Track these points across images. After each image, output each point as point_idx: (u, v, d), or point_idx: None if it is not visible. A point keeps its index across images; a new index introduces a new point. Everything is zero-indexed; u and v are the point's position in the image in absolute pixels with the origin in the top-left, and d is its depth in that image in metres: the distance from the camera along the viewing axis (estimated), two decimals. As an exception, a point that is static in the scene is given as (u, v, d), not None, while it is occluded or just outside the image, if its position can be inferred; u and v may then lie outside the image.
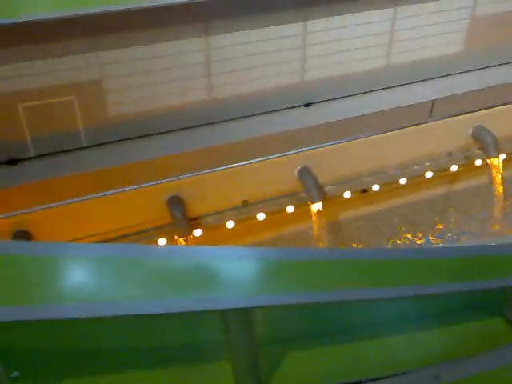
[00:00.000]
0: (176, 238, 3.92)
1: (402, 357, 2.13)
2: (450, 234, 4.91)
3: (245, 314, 1.82)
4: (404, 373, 1.90)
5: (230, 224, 4.23)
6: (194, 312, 1.75)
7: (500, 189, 4.73)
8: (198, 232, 4.11)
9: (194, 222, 4.12)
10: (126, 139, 4.01)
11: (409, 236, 4.95)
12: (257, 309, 1.94)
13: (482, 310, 2.28)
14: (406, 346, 2.17)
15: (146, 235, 3.99)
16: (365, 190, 4.69)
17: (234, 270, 1.86)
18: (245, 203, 4.32)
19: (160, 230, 3.98)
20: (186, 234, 3.90)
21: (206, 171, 4.08)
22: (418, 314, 2.27)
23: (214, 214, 4.19)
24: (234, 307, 1.74)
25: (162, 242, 3.96)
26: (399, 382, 1.84)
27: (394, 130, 4.57)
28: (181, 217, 3.87)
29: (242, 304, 1.75)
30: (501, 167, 4.71)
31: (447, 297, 2.29)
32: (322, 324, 2.24)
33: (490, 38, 4.86)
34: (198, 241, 4.08)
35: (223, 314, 1.86)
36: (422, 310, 2.29)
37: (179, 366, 2.11)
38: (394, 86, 4.70)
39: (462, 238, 4.85)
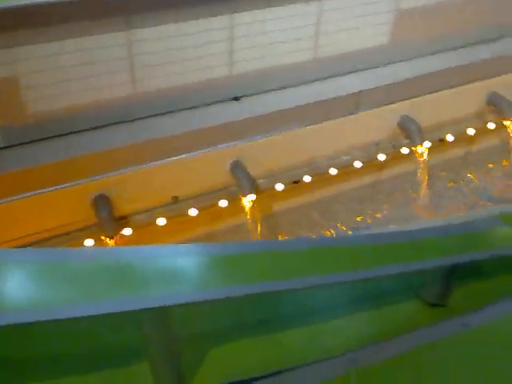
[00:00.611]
0: (103, 238, 3.80)
1: (323, 344, 2.15)
2: (379, 220, 5.04)
3: (161, 312, 1.76)
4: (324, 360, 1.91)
5: (161, 221, 4.15)
6: (122, 312, 1.69)
7: (425, 175, 4.90)
8: (127, 231, 4.00)
9: (123, 220, 4.01)
10: (47, 138, 3.83)
11: (340, 224, 5.04)
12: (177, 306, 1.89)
13: (400, 293, 2.34)
14: (327, 333, 2.19)
15: (73, 237, 3.85)
16: (296, 182, 4.73)
17: (161, 268, 1.82)
18: (175, 199, 4.25)
19: (86, 231, 3.84)
20: (113, 233, 3.79)
21: (132, 168, 3.97)
22: (339, 301, 2.29)
23: (143, 211, 4.10)
24: (165, 304, 1.70)
25: (88, 243, 3.83)
26: (317, 368, 1.84)
27: (324, 121, 4.62)
28: (107, 216, 3.76)
29: (178, 300, 1.71)
30: (425, 154, 4.87)
31: (367, 282, 2.33)
32: (244, 316, 2.22)
33: (415, 29, 4.99)
34: (128, 240, 3.97)
35: (141, 312, 1.80)
36: (342, 297, 2.31)
37: (107, 370, 2.04)
38: (321, 79, 4.75)
39: (390, 224, 4.98)
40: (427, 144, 5.02)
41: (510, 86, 5.27)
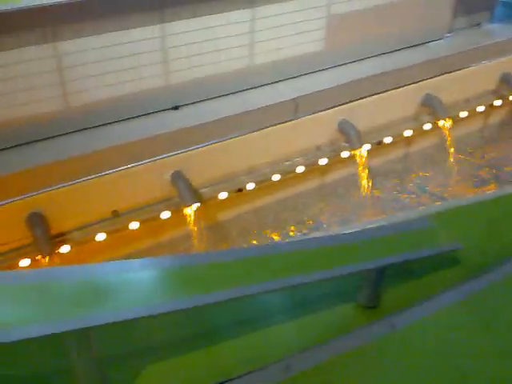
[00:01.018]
0: (39, 257, 3.68)
1: (261, 354, 2.14)
2: (324, 225, 5.10)
3: (86, 333, 1.71)
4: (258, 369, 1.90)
5: (101, 237, 4.05)
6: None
7: (366, 178, 5.00)
8: (65, 248, 3.89)
9: (61, 238, 3.89)
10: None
11: (286, 229, 5.07)
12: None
13: (335, 297, 2.36)
14: (264, 341, 2.18)
15: (7, 258, 3.70)
16: (240, 190, 4.72)
17: (86, 288, 1.77)
18: (115, 213, 4.16)
19: (22, 251, 3.71)
20: (50, 252, 3.67)
21: (68, 183, 3.87)
22: (275, 309, 2.29)
23: (81, 227, 3.99)
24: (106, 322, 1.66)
25: (24, 263, 3.69)
26: (252, 378, 1.83)
27: (264, 128, 4.65)
28: (42, 234, 3.63)
29: (104, 320, 1.67)
30: (364, 158, 4.96)
31: (302, 288, 2.34)
32: (179, 331, 2.19)
33: (349, 35, 5.10)
34: (67, 258, 3.86)
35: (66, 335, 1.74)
36: (278, 305, 2.32)
37: None
38: (259, 86, 4.78)
39: (334, 226, 5.05)
40: (367, 147, 5.13)
41: (442, 88, 5.45)
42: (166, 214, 4.36)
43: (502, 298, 2.23)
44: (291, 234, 5.06)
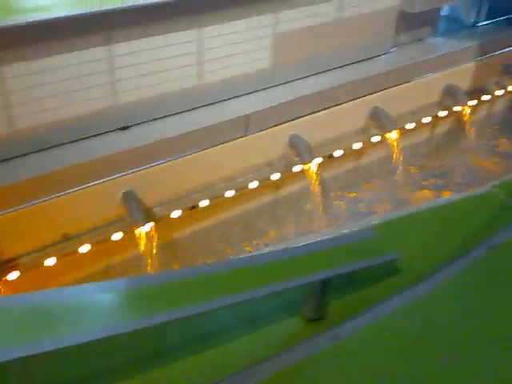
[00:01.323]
0: (-14, 284, 3.59)
1: (207, 371, 2.15)
2: (279, 238, 5.16)
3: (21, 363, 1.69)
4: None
5: (51, 261, 3.98)
6: None
7: (318, 191, 5.09)
8: (14, 275, 3.79)
9: (9, 264, 3.80)
10: None
11: (240, 246, 5.10)
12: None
13: (281, 311, 2.39)
14: (211, 360, 2.19)
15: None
16: (193, 207, 4.73)
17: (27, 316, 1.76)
18: (66, 237, 4.10)
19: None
20: (-3, 279, 3.59)
21: (17, 208, 3.79)
22: (221, 327, 2.31)
23: (31, 252, 3.91)
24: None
25: (-30, 291, 3.60)
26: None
27: (215, 145, 4.68)
28: (-13, 261, 3.55)
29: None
30: (315, 172, 5.05)
31: (247, 304, 2.37)
32: (127, 353, 2.18)
33: (295, 52, 5.21)
34: (16, 284, 3.77)
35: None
36: (224, 322, 2.33)
37: None
38: (210, 104, 4.82)
39: (288, 240, 5.11)
40: (318, 160, 5.22)
41: (389, 101, 5.63)
42: (118, 235, 4.32)
43: (442, 302, 2.31)
44: (247, 249, 5.09)
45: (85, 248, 4.14)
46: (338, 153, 5.45)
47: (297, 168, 5.14)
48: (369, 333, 2.12)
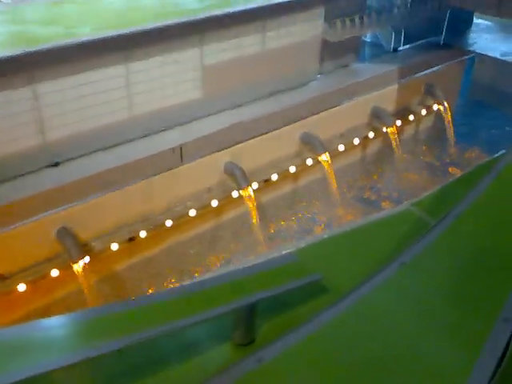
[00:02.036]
0: None
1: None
2: (219, 264, 5.25)
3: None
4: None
5: (-15, 303, 3.91)
6: None
7: (254, 216, 5.24)
8: None
9: None
10: None
11: (181, 275, 5.15)
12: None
13: (213, 339, 2.47)
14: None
15: None
16: (132, 239, 4.76)
17: None
18: (1, 277, 4.04)
19: None
20: None
21: None
22: (153, 357, 2.36)
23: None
24: None
25: None
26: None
27: (150, 176, 4.74)
28: None
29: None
30: (252, 196, 5.20)
31: (181, 332, 2.45)
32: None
33: (225, 83, 5.37)
34: None
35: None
36: (159, 351, 2.39)
37: None
38: (142, 137, 4.89)
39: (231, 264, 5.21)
40: (255, 185, 5.38)
41: (318, 125, 5.87)
42: (55, 272, 4.29)
43: (361, 319, 2.46)
44: (187, 278, 5.14)
45: (21, 287, 4.10)
46: (273, 177, 5.63)
47: (235, 194, 5.28)
48: (293, 352, 2.23)
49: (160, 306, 2.31)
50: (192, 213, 5.10)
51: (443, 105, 7.21)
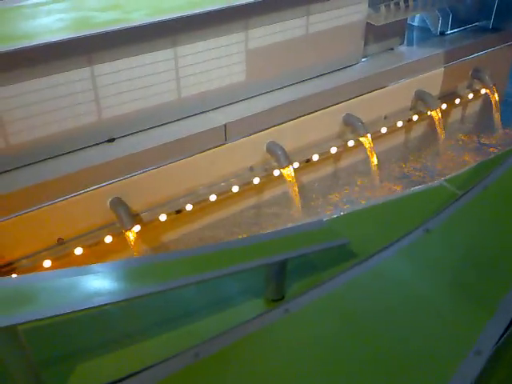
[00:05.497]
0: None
1: (176, 344, 2.45)
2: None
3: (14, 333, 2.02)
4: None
5: (47, 263, 4.33)
6: None
7: (297, 194, 5.45)
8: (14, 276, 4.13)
9: (8, 267, 4.15)
10: None
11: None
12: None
13: (245, 294, 2.72)
14: (180, 338, 2.50)
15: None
16: (179, 211, 5.08)
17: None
18: (61, 241, 4.45)
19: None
20: None
21: (15, 214, 4.15)
22: (190, 307, 2.63)
23: (28, 256, 4.26)
24: None
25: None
26: (163, 366, 2.16)
27: (197, 153, 5.04)
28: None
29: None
30: (293, 175, 5.41)
31: (221, 285, 2.71)
32: (104, 331, 2.51)
33: (267, 66, 5.58)
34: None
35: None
36: (199, 301, 2.66)
37: None
38: (190, 116, 5.19)
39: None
40: (296, 165, 5.59)
41: (361, 107, 6.00)
42: (108, 239, 4.67)
43: (380, 280, 2.64)
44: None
45: (78, 251, 4.50)
46: (315, 157, 5.81)
47: (276, 172, 5.50)
48: (316, 305, 2.45)
49: (202, 258, 2.56)
50: (235, 189, 5.37)
51: (491, 89, 7.15)
